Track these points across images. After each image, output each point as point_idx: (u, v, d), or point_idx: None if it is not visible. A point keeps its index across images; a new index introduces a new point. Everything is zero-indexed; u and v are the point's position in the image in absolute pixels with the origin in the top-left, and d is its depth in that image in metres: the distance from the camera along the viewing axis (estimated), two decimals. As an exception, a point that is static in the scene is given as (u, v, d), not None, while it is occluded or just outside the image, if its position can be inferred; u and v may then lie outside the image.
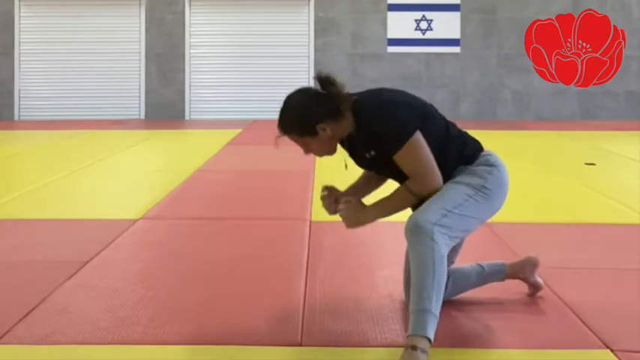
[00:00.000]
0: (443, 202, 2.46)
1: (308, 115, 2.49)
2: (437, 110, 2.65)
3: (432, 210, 2.43)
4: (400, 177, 2.57)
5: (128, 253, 3.77)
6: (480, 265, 2.90)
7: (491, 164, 2.59)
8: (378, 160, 2.58)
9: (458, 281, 2.84)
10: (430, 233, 2.36)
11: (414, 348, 2.25)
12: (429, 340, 2.27)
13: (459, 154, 2.57)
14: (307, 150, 2.56)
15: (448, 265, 2.77)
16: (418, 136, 2.47)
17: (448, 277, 2.81)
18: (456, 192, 2.50)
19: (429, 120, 2.56)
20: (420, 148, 2.47)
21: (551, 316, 2.78)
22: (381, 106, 2.50)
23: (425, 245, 2.35)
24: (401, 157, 2.47)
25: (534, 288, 2.97)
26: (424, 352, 2.25)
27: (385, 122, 2.47)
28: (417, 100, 2.61)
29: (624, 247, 3.91)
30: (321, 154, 2.61)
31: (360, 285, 3.14)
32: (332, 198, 2.69)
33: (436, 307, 2.32)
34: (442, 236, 2.38)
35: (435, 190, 2.49)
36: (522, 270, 2.94)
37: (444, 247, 2.38)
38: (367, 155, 2.58)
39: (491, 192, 2.54)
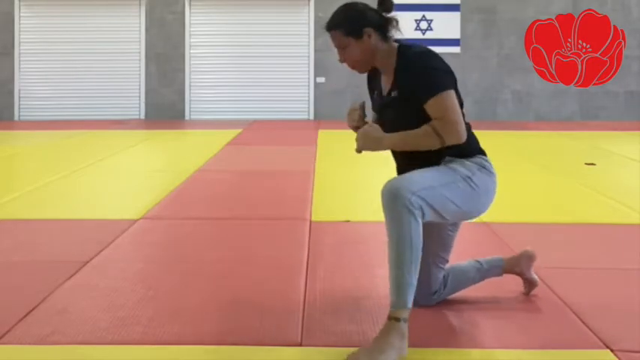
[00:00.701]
0: (426, 176, 2.47)
1: (361, 16, 2.59)
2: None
3: (413, 179, 2.44)
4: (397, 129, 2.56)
5: (128, 253, 3.77)
6: (479, 262, 2.92)
7: (484, 167, 2.59)
8: (392, 103, 2.59)
9: (457, 279, 2.86)
10: (407, 202, 2.36)
11: (397, 319, 2.36)
12: (410, 308, 2.39)
13: (458, 147, 2.54)
14: (343, 55, 2.63)
15: (442, 264, 2.79)
16: (452, 92, 2.50)
17: (448, 275, 2.81)
18: (442, 172, 2.51)
19: (457, 96, 2.57)
20: (454, 100, 2.49)
21: (551, 316, 2.78)
22: (430, 54, 2.56)
23: (402, 217, 2.35)
24: (433, 103, 2.47)
25: (529, 284, 2.98)
26: (406, 320, 2.38)
27: (431, 66, 2.51)
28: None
29: (624, 247, 3.91)
30: (353, 64, 2.64)
31: (360, 285, 3.14)
32: (360, 113, 2.67)
33: (414, 276, 2.39)
34: (417, 208, 2.37)
35: (458, 140, 2.48)
36: (518, 264, 2.96)
37: (419, 218, 2.38)
38: (392, 94, 2.59)
39: (476, 187, 2.53)
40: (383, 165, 2.58)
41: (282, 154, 7.91)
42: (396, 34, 2.67)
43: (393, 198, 2.38)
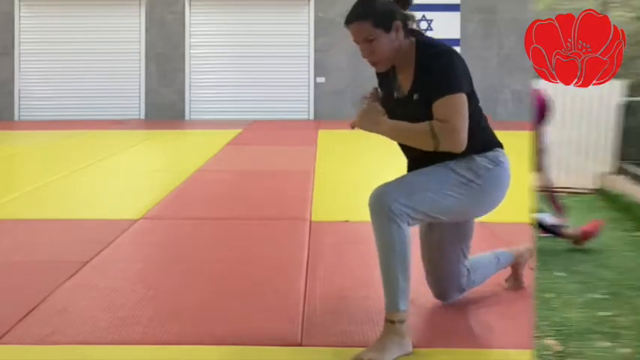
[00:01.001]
0: (416, 180, 2.45)
1: (391, 8, 2.47)
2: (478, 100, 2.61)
3: (400, 185, 2.42)
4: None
5: (128, 253, 3.77)
6: (497, 257, 2.97)
7: (497, 163, 2.54)
8: (414, 105, 2.47)
9: (480, 272, 2.88)
10: (388, 210, 2.34)
11: (392, 322, 2.39)
12: (404, 311, 2.40)
13: (480, 143, 2.52)
14: (369, 49, 2.47)
15: (467, 253, 2.79)
16: (464, 96, 2.41)
17: (473, 271, 2.83)
18: (437, 174, 2.46)
19: (473, 98, 2.52)
20: (463, 105, 2.40)
21: (551, 316, 2.78)
22: (452, 53, 2.46)
23: (384, 225, 2.35)
24: (441, 104, 2.38)
25: (518, 280, 3.05)
26: (402, 322, 2.39)
27: (450, 66, 2.42)
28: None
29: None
30: (379, 59, 2.49)
31: (361, 284, 3.14)
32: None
33: (404, 279, 2.39)
34: (399, 214, 2.35)
35: (453, 149, 2.39)
36: (522, 256, 3.05)
37: (403, 224, 2.36)
38: (414, 96, 2.48)
39: (480, 188, 2.49)
40: (383, 165, 2.57)
41: (282, 154, 7.91)
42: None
43: (375, 205, 2.37)
